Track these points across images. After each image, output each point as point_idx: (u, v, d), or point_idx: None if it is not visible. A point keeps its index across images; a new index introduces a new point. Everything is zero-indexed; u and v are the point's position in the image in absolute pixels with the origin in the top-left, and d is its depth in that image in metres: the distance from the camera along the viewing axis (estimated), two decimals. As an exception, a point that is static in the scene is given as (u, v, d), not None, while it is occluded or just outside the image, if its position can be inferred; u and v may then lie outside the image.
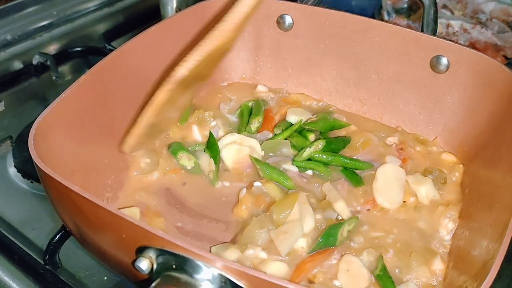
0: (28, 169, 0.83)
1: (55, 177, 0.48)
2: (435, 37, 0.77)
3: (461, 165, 0.76)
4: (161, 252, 0.45)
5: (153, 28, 0.76)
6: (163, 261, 0.45)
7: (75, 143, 0.63)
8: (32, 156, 0.51)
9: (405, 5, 1.36)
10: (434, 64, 0.77)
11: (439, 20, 1.30)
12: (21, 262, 0.69)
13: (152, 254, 0.46)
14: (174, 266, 0.45)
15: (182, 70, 0.64)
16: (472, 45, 1.26)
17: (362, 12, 1.37)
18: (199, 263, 0.44)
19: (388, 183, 0.71)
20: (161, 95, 0.65)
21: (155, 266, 0.46)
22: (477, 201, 0.66)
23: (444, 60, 0.76)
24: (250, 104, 0.85)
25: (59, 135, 0.60)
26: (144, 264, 0.46)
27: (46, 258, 0.68)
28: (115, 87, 0.70)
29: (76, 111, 0.63)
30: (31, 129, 0.54)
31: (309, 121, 0.81)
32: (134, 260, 0.46)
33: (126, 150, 0.67)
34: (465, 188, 0.72)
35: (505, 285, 0.68)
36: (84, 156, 0.64)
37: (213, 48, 0.66)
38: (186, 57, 0.65)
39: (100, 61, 0.68)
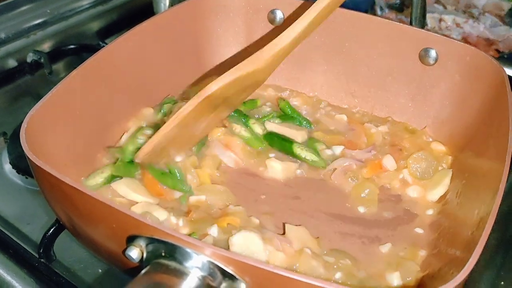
0: (22, 165, 0.84)
1: (46, 168, 0.49)
2: (423, 30, 0.78)
3: (450, 157, 0.77)
4: (150, 240, 0.46)
5: (144, 24, 0.77)
6: (153, 249, 0.46)
7: (67, 137, 0.64)
8: (24, 149, 0.52)
9: (398, 1, 1.37)
10: (423, 56, 0.78)
11: (431, 15, 1.32)
12: (15, 255, 0.69)
13: (142, 242, 0.47)
14: (163, 254, 0.45)
15: (214, 87, 0.64)
16: (465, 40, 1.27)
17: (355, 7, 1.37)
18: (188, 250, 0.45)
19: None
20: (188, 108, 0.64)
21: (145, 255, 0.47)
22: (463, 191, 0.67)
23: (432, 53, 0.77)
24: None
25: (51, 129, 0.60)
26: (134, 253, 0.47)
27: (41, 251, 0.68)
28: (107, 82, 0.71)
29: (67, 105, 0.64)
30: (23, 123, 0.55)
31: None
32: (125, 249, 0.47)
33: (138, 159, 0.66)
34: (454, 176, 0.73)
35: (494, 274, 0.69)
36: (76, 150, 0.65)
37: (247, 72, 0.67)
38: (221, 76, 0.65)
39: (91, 56, 0.69)
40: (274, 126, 0.81)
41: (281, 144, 0.79)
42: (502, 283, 0.67)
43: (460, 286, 0.42)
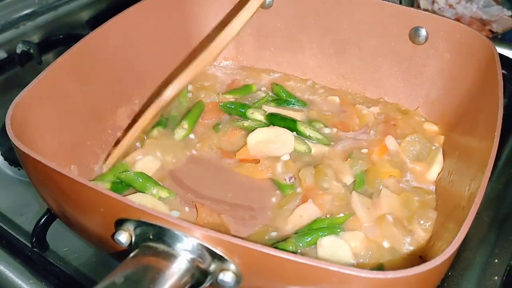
0: (15, 156, 0.81)
1: (32, 154, 0.49)
2: (412, 9, 0.77)
3: (442, 136, 0.77)
4: (138, 223, 0.46)
5: (132, 8, 0.76)
6: (141, 232, 0.46)
7: (55, 124, 0.63)
8: (10, 136, 0.51)
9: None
10: (413, 35, 0.77)
11: (425, -3, 1.31)
12: (8, 245, 0.69)
13: (130, 226, 0.46)
14: (152, 237, 0.45)
15: (170, 92, 0.69)
16: (458, 20, 1.25)
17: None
18: (177, 233, 0.44)
19: None
20: (148, 116, 0.69)
21: (133, 238, 0.46)
22: (455, 168, 0.67)
23: (422, 32, 0.76)
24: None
25: (38, 116, 0.60)
26: (123, 237, 0.46)
27: (33, 240, 0.68)
28: (95, 68, 0.70)
29: (54, 92, 0.63)
30: (8, 110, 0.55)
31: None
32: (114, 234, 0.47)
33: (105, 170, 0.70)
34: (446, 155, 0.73)
35: (488, 252, 0.69)
36: (65, 138, 0.65)
37: (200, 70, 0.71)
38: (174, 80, 0.70)
39: (79, 41, 0.68)
40: (273, 109, 0.81)
41: (285, 122, 0.78)
42: (496, 260, 0.67)
43: (450, 259, 0.42)
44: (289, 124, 0.78)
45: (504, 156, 0.82)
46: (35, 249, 0.68)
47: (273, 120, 0.79)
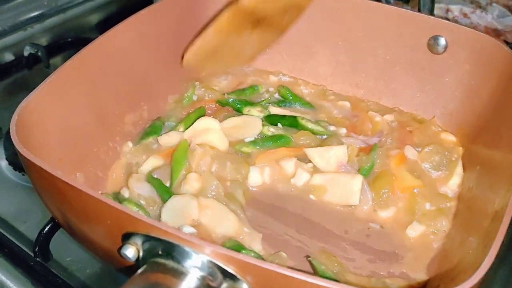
0: (19, 161, 0.80)
1: (37, 162, 0.47)
2: (432, 17, 0.75)
3: (461, 148, 0.74)
4: (147, 238, 0.43)
5: (142, 11, 0.75)
6: (149, 247, 0.43)
7: (61, 130, 0.61)
8: (14, 142, 0.49)
9: (403, -9, 1.34)
10: (432, 44, 0.75)
11: (438, 5, 1.28)
12: (10, 254, 0.67)
13: (138, 240, 0.44)
14: (160, 253, 0.43)
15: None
16: (472, 30, 1.24)
17: None
18: (187, 249, 0.42)
19: None
20: (224, 17, 0.67)
21: (141, 253, 0.44)
22: (476, 182, 0.64)
23: (442, 41, 0.74)
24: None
25: (44, 121, 0.58)
26: (130, 252, 0.44)
27: (36, 250, 0.66)
28: (104, 72, 0.69)
29: (62, 97, 0.61)
30: (13, 115, 0.53)
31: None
32: (120, 247, 0.45)
33: (185, 65, 0.70)
34: (465, 169, 0.70)
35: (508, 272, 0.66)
36: (71, 144, 0.63)
37: None
38: None
39: (87, 45, 0.66)
40: (278, 110, 0.80)
41: (283, 118, 0.77)
42: (517, 280, 0.65)
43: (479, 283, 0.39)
44: (289, 119, 0.77)
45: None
46: (37, 258, 0.66)
47: (272, 120, 0.78)
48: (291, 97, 0.83)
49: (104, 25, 1.16)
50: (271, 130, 0.76)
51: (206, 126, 0.74)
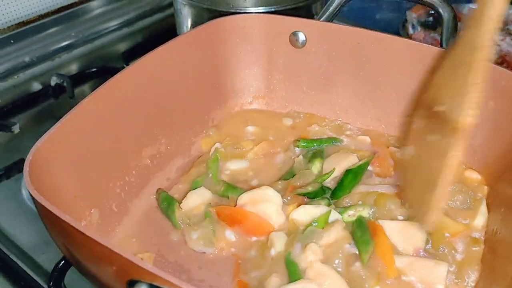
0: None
1: (46, 205, 0.47)
2: (454, 52, 0.73)
3: (486, 187, 0.71)
4: (151, 287, 0.43)
5: (163, 46, 0.75)
6: (154, 296, 0.43)
7: (77, 167, 0.62)
8: (26, 183, 0.50)
9: (430, 18, 1.32)
10: (455, 80, 0.72)
11: (467, 33, 1.26)
12: (26, 287, 0.68)
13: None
14: (165, 302, 0.42)
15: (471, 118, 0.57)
16: (502, 58, 1.21)
17: (387, 26, 1.35)
18: (191, 299, 0.41)
19: None
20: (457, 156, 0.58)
21: (146, 301, 0.44)
22: (502, 224, 0.61)
23: (465, 77, 0.71)
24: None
25: (60, 160, 0.59)
26: (135, 298, 0.44)
27: (51, 284, 0.66)
28: (123, 107, 0.69)
29: (79, 132, 0.62)
30: (28, 155, 0.53)
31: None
32: (126, 293, 0.44)
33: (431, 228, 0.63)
34: (490, 211, 0.67)
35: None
36: (87, 181, 0.63)
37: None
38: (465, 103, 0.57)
39: (107, 81, 0.67)
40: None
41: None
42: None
43: None
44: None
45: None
46: (52, 293, 0.67)
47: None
48: (308, 144, 0.81)
49: (130, 55, 1.18)
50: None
51: (265, 197, 0.68)
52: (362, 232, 0.64)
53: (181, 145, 0.80)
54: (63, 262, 0.67)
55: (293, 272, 0.60)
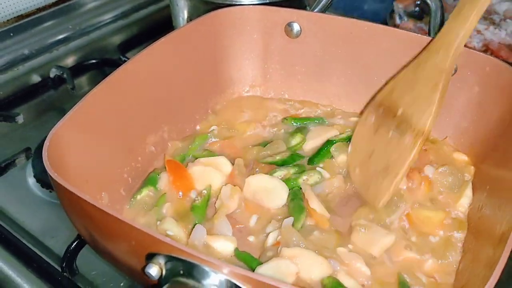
0: (47, 179, 0.82)
1: (67, 186, 0.50)
2: (441, 41, 0.77)
3: (472, 167, 0.76)
4: (169, 258, 0.46)
5: (162, 39, 0.78)
6: (171, 267, 0.46)
7: (88, 153, 0.65)
8: (46, 166, 0.53)
9: (417, 8, 1.36)
10: (442, 67, 0.77)
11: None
12: (39, 269, 0.71)
13: (161, 260, 0.47)
14: (181, 272, 0.46)
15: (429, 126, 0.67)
16: (486, 46, 1.25)
17: (374, 16, 1.39)
18: (206, 268, 0.45)
19: None
20: (415, 154, 0.67)
21: (164, 272, 0.47)
22: (486, 202, 0.66)
23: (451, 64, 0.76)
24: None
25: (73, 146, 0.62)
26: (153, 270, 0.47)
27: (64, 265, 0.70)
28: (129, 97, 0.72)
29: (90, 121, 0.65)
30: (45, 141, 0.56)
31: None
32: (144, 266, 0.48)
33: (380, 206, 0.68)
34: (476, 188, 0.72)
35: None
36: (98, 166, 0.66)
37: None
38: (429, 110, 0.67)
39: (113, 72, 0.70)
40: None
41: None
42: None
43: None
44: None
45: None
46: (65, 273, 0.70)
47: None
48: (296, 122, 0.85)
49: (126, 46, 1.21)
50: None
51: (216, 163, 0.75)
52: (295, 203, 0.69)
53: (182, 133, 0.83)
54: (75, 244, 0.70)
55: None
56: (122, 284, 0.70)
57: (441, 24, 0.80)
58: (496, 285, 0.63)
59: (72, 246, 0.70)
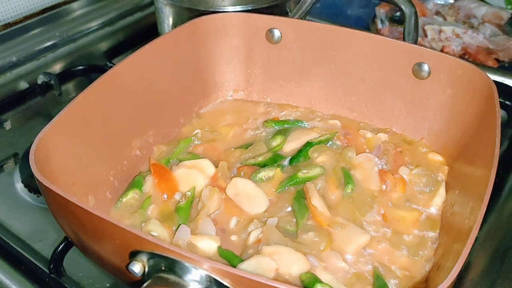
0: (34, 184, 0.86)
1: (53, 189, 0.52)
2: (415, 45, 0.80)
3: (446, 167, 0.79)
4: (152, 255, 0.49)
5: (148, 45, 0.80)
6: (154, 263, 0.49)
7: (75, 157, 0.67)
8: (33, 170, 0.55)
9: (398, 13, 1.39)
10: (416, 71, 0.80)
11: (431, 26, 1.34)
12: (27, 271, 0.72)
13: (144, 257, 0.49)
14: (163, 268, 0.48)
15: None
16: (465, 50, 1.28)
17: (357, 21, 1.42)
18: (187, 264, 0.47)
19: None
20: None
21: (146, 269, 0.49)
22: (457, 199, 0.69)
23: (425, 67, 0.79)
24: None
25: (60, 150, 0.64)
26: (137, 267, 0.49)
27: (51, 267, 0.71)
28: (114, 102, 0.74)
29: (76, 126, 0.67)
30: (32, 145, 0.58)
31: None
32: (128, 264, 0.50)
33: None
34: (449, 187, 0.75)
35: (491, 283, 0.70)
36: (84, 170, 0.68)
37: None
38: None
39: (99, 78, 0.72)
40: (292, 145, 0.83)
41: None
42: (499, 290, 0.69)
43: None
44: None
45: (508, 187, 0.84)
46: (52, 275, 0.71)
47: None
48: (277, 125, 0.88)
49: (112, 53, 1.23)
50: None
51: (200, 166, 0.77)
52: (299, 202, 0.72)
53: (167, 137, 0.85)
54: (62, 246, 0.72)
55: None
56: (108, 285, 0.71)
57: (416, 29, 0.83)
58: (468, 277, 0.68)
59: (59, 248, 0.72)
